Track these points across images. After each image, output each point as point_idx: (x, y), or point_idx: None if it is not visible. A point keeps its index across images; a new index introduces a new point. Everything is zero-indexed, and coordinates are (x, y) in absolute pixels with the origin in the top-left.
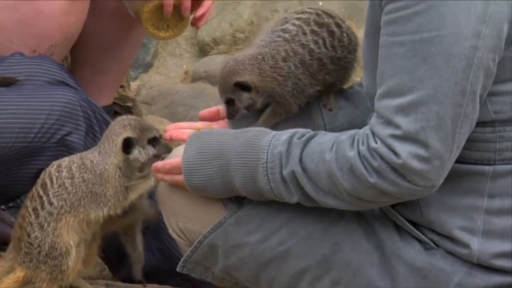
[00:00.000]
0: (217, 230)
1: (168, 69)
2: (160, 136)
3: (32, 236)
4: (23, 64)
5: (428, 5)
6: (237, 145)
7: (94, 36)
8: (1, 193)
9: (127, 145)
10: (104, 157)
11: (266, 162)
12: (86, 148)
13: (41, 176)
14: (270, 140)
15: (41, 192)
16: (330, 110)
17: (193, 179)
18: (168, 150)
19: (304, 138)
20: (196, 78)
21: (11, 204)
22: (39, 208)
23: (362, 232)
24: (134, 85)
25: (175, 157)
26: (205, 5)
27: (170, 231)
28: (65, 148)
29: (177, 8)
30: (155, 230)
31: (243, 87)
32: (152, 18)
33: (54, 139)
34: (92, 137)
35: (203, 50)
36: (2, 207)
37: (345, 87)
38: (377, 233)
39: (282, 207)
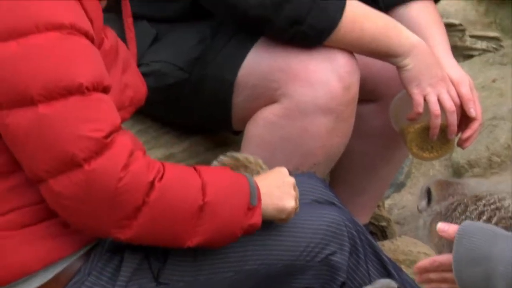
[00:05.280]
0: None
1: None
2: None
3: None
4: None
5: None
6: (507, 251)
7: (356, 155)
8: None
9: None
10: None
11: None
12: (349, 269)
13: None
14: None
15: None
16: None
17: (465, 276)
18: None
19: None
20: None
21: None
22: None
23: None
24: (386, 204)
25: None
26: (473, 127)
27: None
28: (328, 268)
29: (443, 130)
30: None
31: None
32: (417, 138)
33: (318, 258)
34: (355, 258)
35: (457, 172)
36: None
37: None
38: None
39: None
